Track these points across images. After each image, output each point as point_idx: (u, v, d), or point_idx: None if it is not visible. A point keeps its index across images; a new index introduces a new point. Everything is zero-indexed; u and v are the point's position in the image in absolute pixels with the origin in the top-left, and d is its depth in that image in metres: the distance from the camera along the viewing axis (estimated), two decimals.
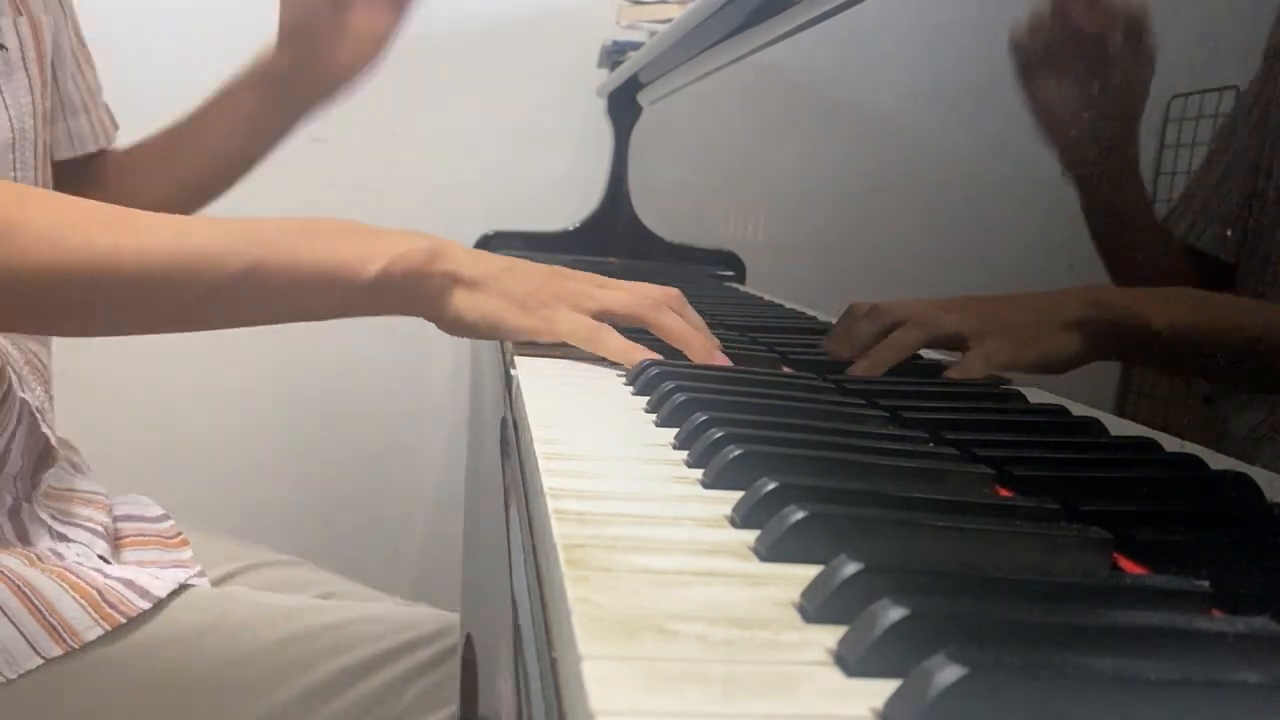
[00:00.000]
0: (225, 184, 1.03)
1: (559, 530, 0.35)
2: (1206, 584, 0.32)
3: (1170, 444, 0.47)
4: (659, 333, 0.67)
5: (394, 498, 1.87)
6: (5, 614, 0.71)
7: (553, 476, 0.41)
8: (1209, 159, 0.47)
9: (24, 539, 0.81)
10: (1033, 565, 0.35)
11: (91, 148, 0.98)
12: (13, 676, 0.70)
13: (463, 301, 0.65)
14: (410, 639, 0.80)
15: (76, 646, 0.72)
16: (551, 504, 0.37)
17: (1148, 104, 0.51)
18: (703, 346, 0.66)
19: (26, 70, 0.82)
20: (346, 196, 1.63)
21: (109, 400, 1.63)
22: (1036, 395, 0.58)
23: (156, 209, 0.64)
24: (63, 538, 0.83)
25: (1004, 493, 0.44)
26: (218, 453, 1.78)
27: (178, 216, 0.63)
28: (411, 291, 0.65)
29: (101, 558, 0.83)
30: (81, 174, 0.98)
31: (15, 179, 0.82)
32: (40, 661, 0.71)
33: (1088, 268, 0.55)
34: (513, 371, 0.63)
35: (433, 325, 0.68)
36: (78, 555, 0.81)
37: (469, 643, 0.38)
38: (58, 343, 0.91)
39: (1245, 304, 0.45)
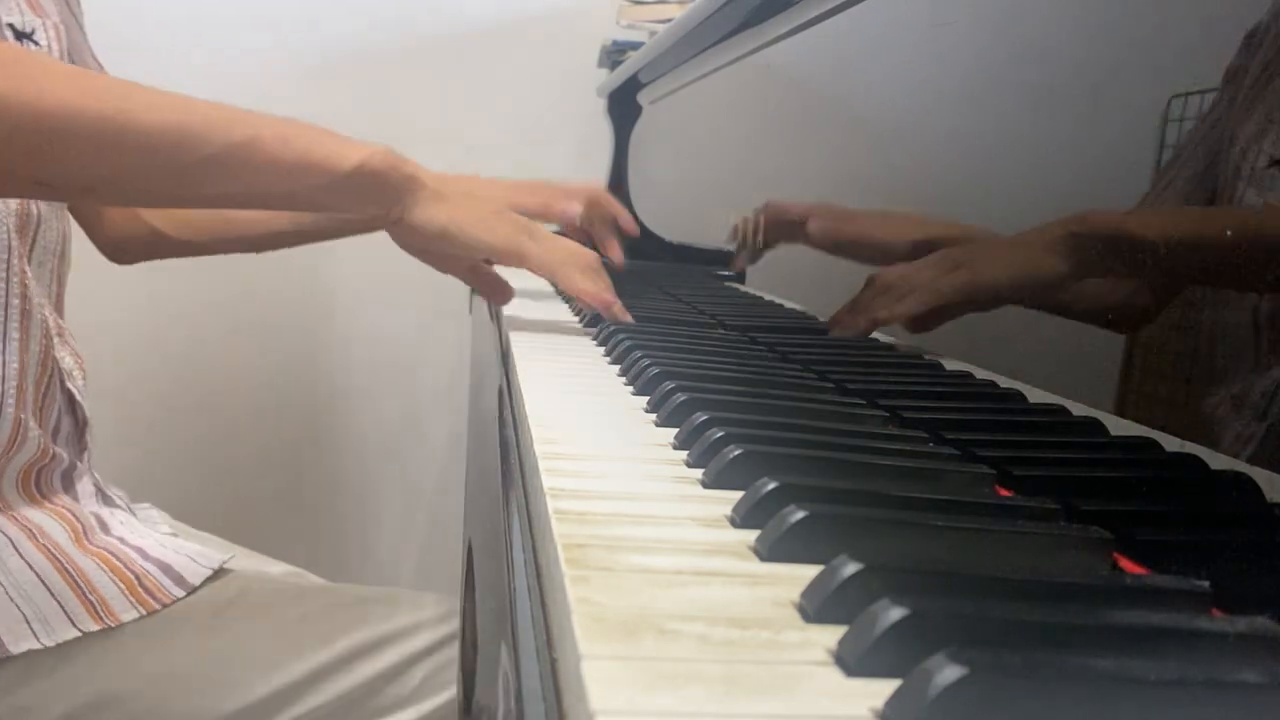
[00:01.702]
0: (233, 242, 1.04)
1: (559, 530, 0.35)
2: (1206, 584, 0.32)
3: (1170, 444, 0.47)
4: (567, 289, 0.77)
5: (394, 498, 1.87)
6: (47, 587, 0.75)
7: (553, 476, 0.41)
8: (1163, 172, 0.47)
9: (75, 498, 0.84)
10: (1033, 565, 0.35)
11: None
12: (50, 644, 0.74)
13: (432, 207, 0.72)
14: (418, 620, 0.83)
15: (113, 625, 0.76)
16: (551, 504, 0.37)
17: (1148, 104, 0.51)
18: (604, 306, 0.77)
19: None
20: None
21: (110, 400, 1.63)
22: (1036, 395, 0.58)
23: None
24: (109, 500, 0.87)
25: (1004, 492, 0.44)
26: (217, 453, 1.78)
27: (181, 94, 0.67)
28: (381, 187, 0.71)
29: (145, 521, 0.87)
30: None
31: None
32: (77, 634, 0.75)
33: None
34: (513, 371, 0.63)
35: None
36: (122, 522, 0.85)
37: (468, 642, 0.38)
38: None
39: (1238, 214, 0.45)
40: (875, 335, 0.78)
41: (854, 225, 0.84)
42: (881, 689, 0.25)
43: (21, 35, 0.81)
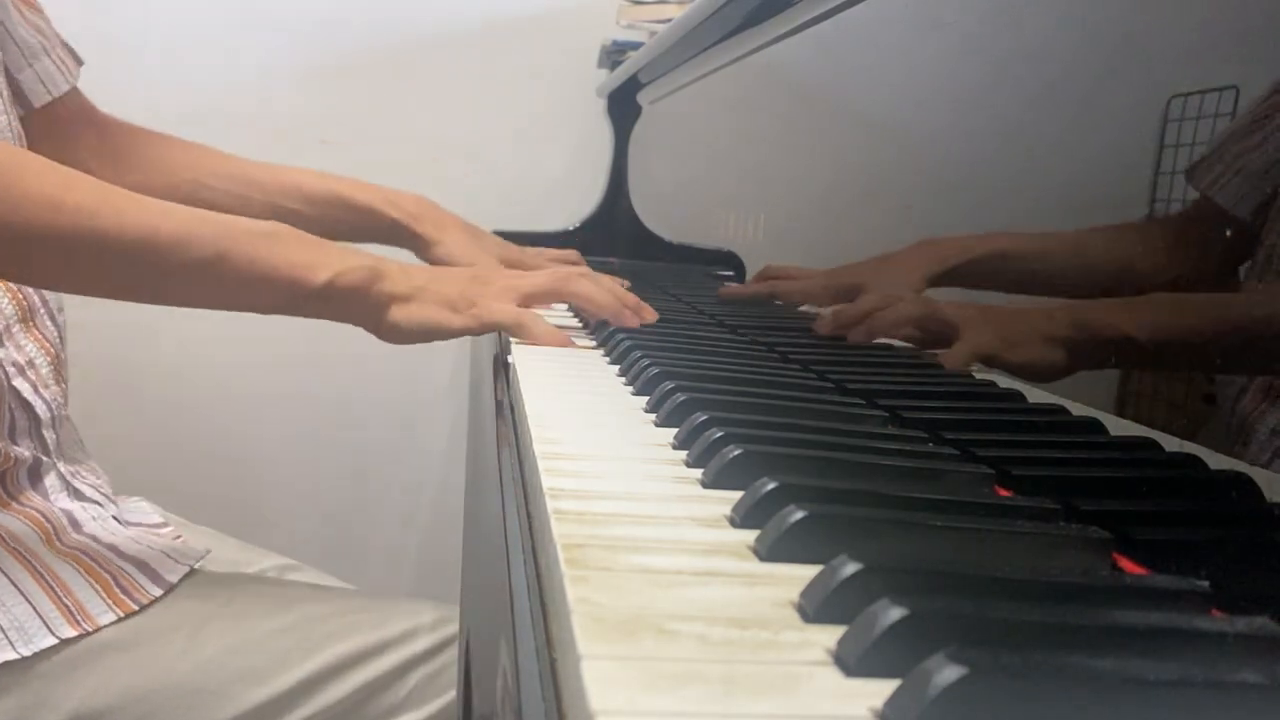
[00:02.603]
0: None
1: (559, 530, 0.35)
2: (1206, 584, 0.32)
3: (1170, 444, 0.47)
4: (576, 302, 0.77)
5: (394, 498, 1.86)
6: (22, 593, 0.73)
7: (553, 476, 0.41)
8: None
9: (44, 494, 0.83)
10: (1033, 565, 0.35)
11: (65, 87, 0.97)
12: (27, 654, 0.72)
13: (399, 313, 0.72)
14: (410, 627, 0.82)
15: (90, 630, 0.74)
16: (551, 504, 0.37)
17: (1148, 104, 0.51)
18: (617, 311, 0.76)
19: None
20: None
21: (111, 402, 1.63)
22: (1036, 395, 0.58)
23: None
24: (79, 495, 0.85)
25: (1004, 492, 0.44)
26: (217, 454, 1.78)
27: (157, 200, 0.68)
28: (352, 303, 0.72)
29: (115, 519, 0.85)
30: (81, 123, 0.99)
31: None
32: (54, 641, 0.73)
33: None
34: (512, 372, 0.63)
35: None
36: (94, 519, 0.83)
37: (468, 643, 0.38)
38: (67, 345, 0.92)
39: (1222, 298, 0.45)
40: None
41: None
42: (881, 689, 0.25)
43: None
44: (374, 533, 1.86)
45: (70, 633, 0.73)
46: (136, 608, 0.76)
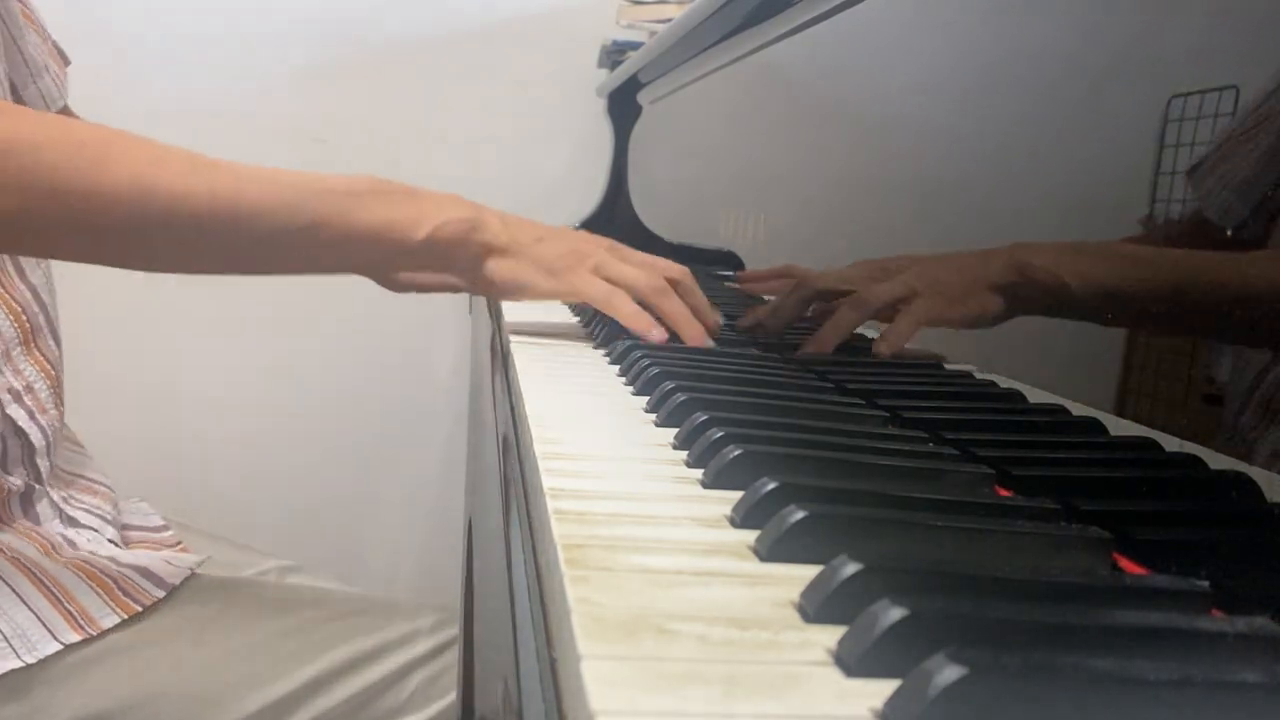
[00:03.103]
0: None
1: (559, 530, 0.35)
2: (1206, 584, 0.32)
3: (1170, 444, 0.47)
4: (659, 314, 0.73)
5: (394, 498, 1.87)
6: (23, 601, 0.73)
7: (553, 476, 0.41)
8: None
9: (35, 520, 0.82)
10: (1032, 565, 0.35)
11: (62, 102, 0.97)
12: (31, 661, 0.71)
13: (494, 266, 0.71)
14: (410, 630, 0.82)
15: (94, 634, 0.73)
16: (551, 504, 0.37)
17: (1148, 104, 0.51)
18: (695, 334, 0.73)
19: None
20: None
21: (112, 402, 1.63)
22: (1036, 395, 0.58)
23: None
24: (73, 522, 0.84)
25: (1004, 493, 0.44)
26: (217, 455, 1.78)
27: (233, 163, 0.66)
28: (451, 257, 0.70)
29: (111, 542, 0.84)
30: None
31: None
32: (58, 646, 0.72)
33: None
34: (512, 371, 0.63)
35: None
36: (89, 541, 0.83)
37: (468, 643, 0.38)
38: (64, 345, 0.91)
39: (1167, 254, 0.45)
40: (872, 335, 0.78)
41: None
42: (881, 689, 0.25)
43: None
44: (374, 533, 1.87)
45: (74, 637, 0.73)
46: (139, 609, 0.76)
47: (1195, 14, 0.50)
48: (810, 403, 0.56)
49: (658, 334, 0.71)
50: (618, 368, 0.66)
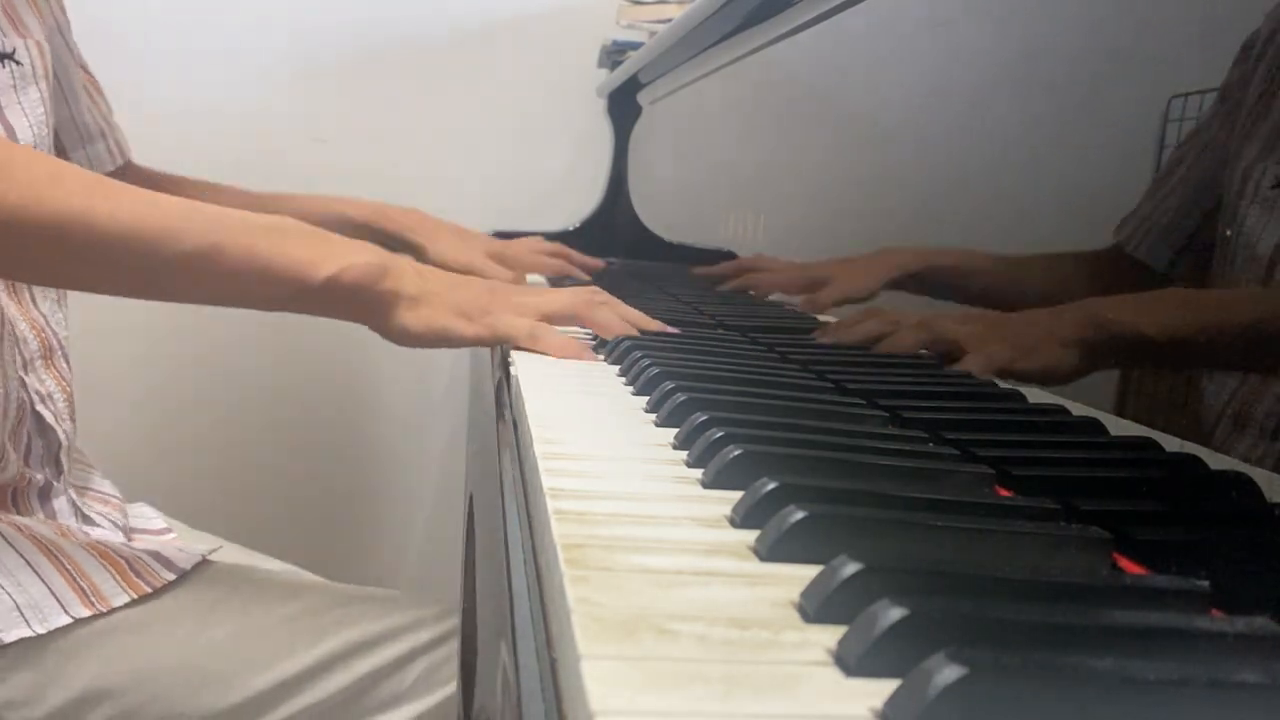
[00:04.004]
0: None
1: (559, 530, 0.35)
2: (1206, 584, 0.32)
3: (1170, 444, 0.47)
4: (595, 328, 0.74)
5: (394, 499, 1.86)
6: (37, 573, 0.74)
7: (553, 476, 0.41)
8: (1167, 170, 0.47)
9: (52, 515, 0.84)
10: (1032, 565, 0.35)
11: (109, 168, 1.02)
12: (42, 631, 0.73)
13: (409, 315, 0.70)
14: (414, 618, 0.83)
15: (104, 610, 0.75)
16: (551, 504, 0.37)
17: (1148, 104, 0.51)
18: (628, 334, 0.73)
19: (38, 86, 0.85)
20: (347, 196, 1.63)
21: (112, 404, 1.63)
22: (1036, 395, 0.58)
23: None
24: (89, 520, 0.87)
25: (1004, 492, 0.44)
26: (218, 456, 1.78)
27: (149, 191, 0.66)
28: (357, 302, 0.69)
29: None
30: None
31: None
32: (68, 620, 0.74)
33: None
34: (512, 371, 0.63)
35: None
36: (102, 534, 0.85)
37: (468, 643, 0.38)
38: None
39: (1233, 296, 0.45)
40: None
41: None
42: (881, 689, 0.25)
43: (2, 56, 0.81)
44: (375, 534, 1.87)
45: (84, 612, 0.74)
46: (150, 590, 0.77)
47: (1195, 14, 0.50)
48: (810, 403, 0.56)
49: (589, 355, 0.71)
50: (618, 368, 0.66)
